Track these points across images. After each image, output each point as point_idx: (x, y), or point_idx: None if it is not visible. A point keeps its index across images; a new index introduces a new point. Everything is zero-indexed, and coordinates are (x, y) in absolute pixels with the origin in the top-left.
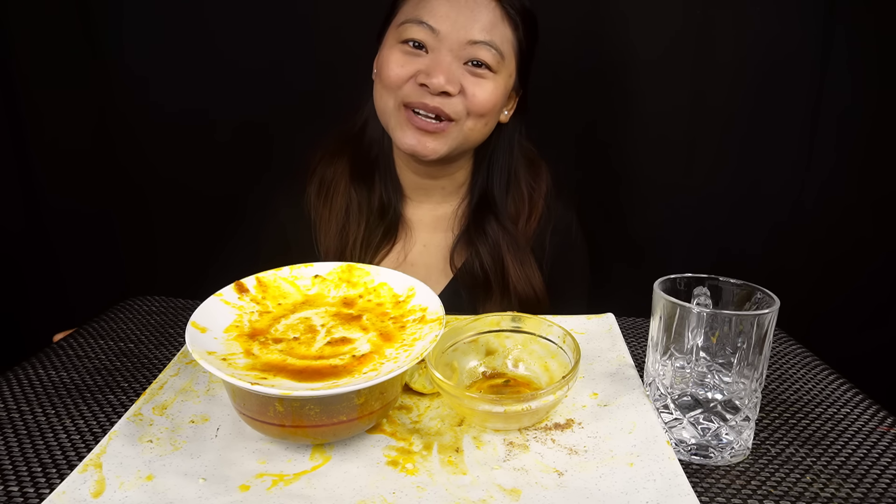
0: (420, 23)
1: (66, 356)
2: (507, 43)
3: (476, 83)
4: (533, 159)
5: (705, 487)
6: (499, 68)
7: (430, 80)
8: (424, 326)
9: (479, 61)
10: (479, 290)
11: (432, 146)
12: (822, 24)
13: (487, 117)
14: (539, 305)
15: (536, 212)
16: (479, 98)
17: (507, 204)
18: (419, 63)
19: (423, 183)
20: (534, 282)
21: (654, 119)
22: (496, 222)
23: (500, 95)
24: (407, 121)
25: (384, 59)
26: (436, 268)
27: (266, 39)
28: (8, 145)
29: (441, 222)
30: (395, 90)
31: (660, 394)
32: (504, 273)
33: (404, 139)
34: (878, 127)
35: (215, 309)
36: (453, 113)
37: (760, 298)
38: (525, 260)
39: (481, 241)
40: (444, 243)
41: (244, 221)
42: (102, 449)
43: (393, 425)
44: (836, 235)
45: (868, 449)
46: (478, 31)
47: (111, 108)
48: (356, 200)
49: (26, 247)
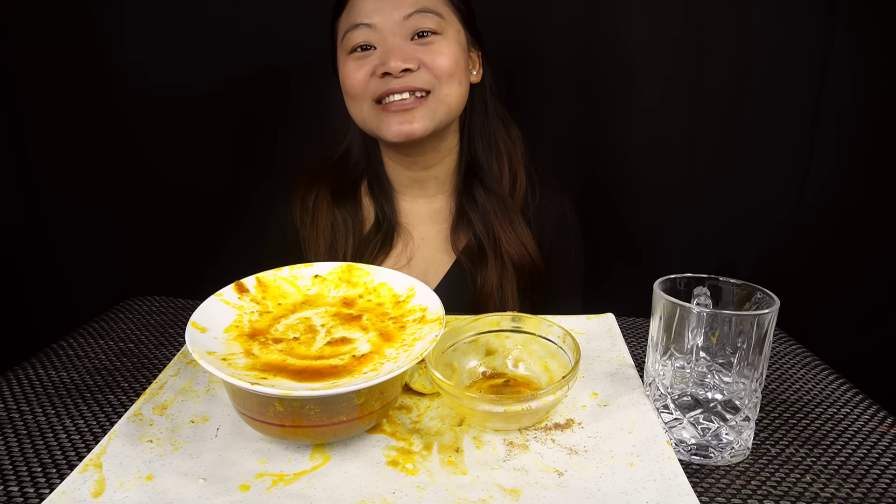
0: (356, 26)
1: (66, 356)
2: (439, 4)
3: (430, 50)
4: (504, 119)
5: (705, 487)
6: (443, 28)
7: (388, 66)
8: (424, 326)
9: (422, 31)
10: (477, 262)
11: (419, 123)
12: (822, 24)
13: (457, 76)
14: (535, 270)
15: (520, 174)
16: (439, 61)
17: (492, 164)
18: (373, 59)
19: (416, 176)
20: (526, 242)
21: (654, 119)
22: (482, 187)
23: (458, 51)
24: (384, 112)
25: (342, 75)
26: (437, 255)
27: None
28: (7, 144)
29: (438, 214)
30: (362, 94)
31: (660, 394)
32: (496, 237)
33: (390, 129)
34: (878, 127)
35: (215, 309)
36: (423, 84)
37: (760, 298)
38: (514, 220)
39: (472, 210)
40: (442, 230)
41: (245, 220)
42: (102, 449)
43: (393, 425)
44: (836, 235)
45: (868, 449)
46: (407, 4)
47: (111, 106)
48: (340, 218)
49: (26, 246)
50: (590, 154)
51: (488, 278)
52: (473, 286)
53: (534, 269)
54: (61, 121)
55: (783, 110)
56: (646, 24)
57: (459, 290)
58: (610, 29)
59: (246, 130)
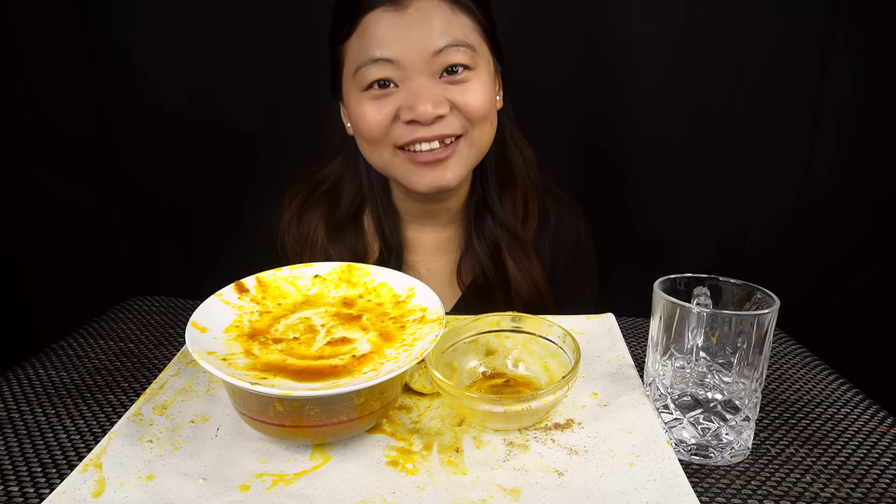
0: (374, 61)
1: (66, 356)
2: (470, 32)
3: (462, 90)
4: (519, 143)
5: (705, 487)
6: (475, 62)
7: (417, 113)
8: (424, 326)
9: (454, 66)
10: (483, 299)
11: (451, 173)
12: (823, 23)
13: (490, 117)
14: (544, 306)
15: (533, 206)
16: (472, 104)
17: (505, 198)
18: (395, 101)
19: (427, 208)
20: (536, 281)
21: (654, 119)
22: (493, 221)
23: (490, 88)
24: (411, 162)
25: (356, 115)
26: (442, 289)
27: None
28: (7, 142)
29: (445, 243)
30: (382, 140)
31: (660, 394)
32: (505, 275)
33: (420, 181)
34: (878, 127)
35: (215, 309)
36: (455, 130)
37: (760, 298)
38: (526, 258)
39: (481, 245)
40: (449, 262)
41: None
42: (102, 449)
43: (393, 425)
44: (837, 235)
45: (868, 449)
46: (437, 36)
47: (111, 105)
48: (336, 254)
49: (26, 246)
50: (589, 154)
51: None
52: None
53: (542, 306)
54: (62, 119)
55: (783, 110)
56: (646, 24)
57: None
58: (610, 29)
59: (246, 130)
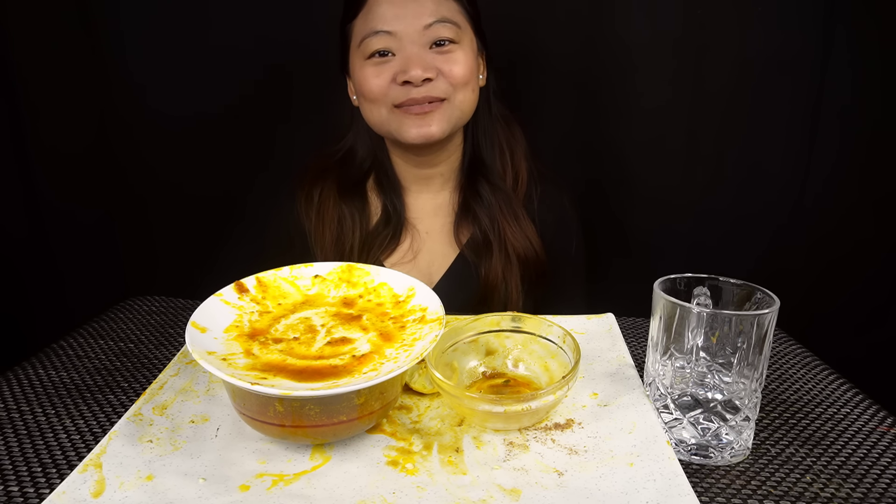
0: (376, 33)
1: (66, 356)
2: (457, 14)
3: (447, 59)
4: (507, 118)
5: (705, 487)
6: (460, 37)
7: (410, 75)
8: (424, 326)
9: (441, 40)
10: (482, 254)
11: (436, 126)
12: (822, 24)
13: (471, 83)
14: (539, 263)
15: (522, 171)
16: (456, 71)
17: (495, 163)
18: (392, 67)
19: (423, 173)
20: (530, 236)
21: (654, 119)
22: (487, 183)
23: (472, 60)
24: (404, 116)
25: (360, 79)
26: (442, 247)
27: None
28: (7, 147)
29: (441, 208)
30: (381, 99)
31: (660, 394)
32: (501, 231)
33: (409, 132)
34: (878, 127)
35: (215, 309)
36: (441, 93)
37: (760, 298)
38: (519, 216)
39: (477, 204)
40: (447, 223)
41: (244, 220)
42: (102, 449)
43: (393, 425)
44: (837, 236)
45: (868, 449)
46: (428, 14)
47: (111, 109)
48: (347, 212)
49: (26, 247)
50: (589, 155)
51: (493, 270)
52: (477, 278)
53: (537, 261)
54: (61, 122)
55: (783, 110)
56: (646, 24)
57: (463, 282)
58: (610, 28)
59: (245, 131)
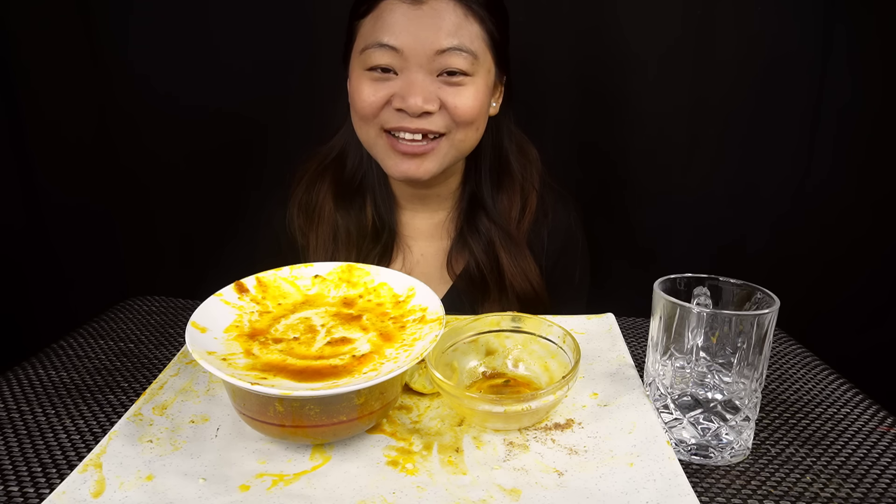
0: (381, 46)
1: (66, 356)
2: (477, 40)
3: (455, 93)
4: (522, 146)
5: (705, 487)
6: (475, 70)
7: (407, 104)
8: (424, 326)
9: (452, 70)
10: (477, 291)
11: (425, 167)
12: (822, 23)
13: (476, 123)
14: (538, 301)
15: (531, 203)
16: (461, 108)
17: (500, 197)
18: (391, 87)
19: (418, 193)
20: (530, 276)
21: (654, 119)
22: (487, 219)
23: (483, 97)
24: (392, 148)
25: (354, 89)
26: (434, 276)
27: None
28: (7, 143)
29: (437, 229)
30: (371, 119)
31: (660, 394)
32: (499, 269)
33: (396, 168)
34: (878, 126)
35: (215, 309)
36: (440, 128)
37: (760, 298)
38: (520, 254)
39: (475, 240)
40: (441, 250)
41: (244, 220)
42: (102, 449)
43: (393, 425)
44: (837, 235)
45: (868, 449)
46: (444, 37)
47: (111, 105)
48: (343, 225)
49: (26, 246)
50: (590, 154)
51: (490, 309)
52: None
53: (536, 300)
54: (62, 119)
55: (783, 109)
56: (646, 24)
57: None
58: (610, 28)
59: (246, 130)
